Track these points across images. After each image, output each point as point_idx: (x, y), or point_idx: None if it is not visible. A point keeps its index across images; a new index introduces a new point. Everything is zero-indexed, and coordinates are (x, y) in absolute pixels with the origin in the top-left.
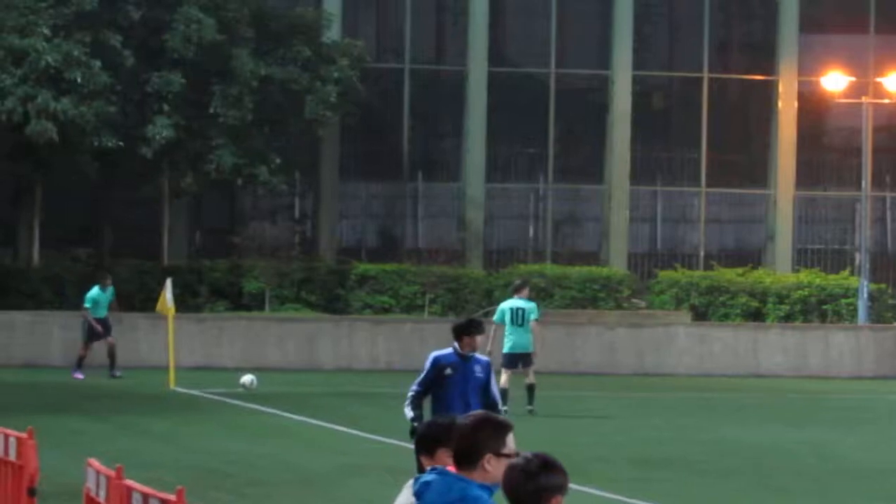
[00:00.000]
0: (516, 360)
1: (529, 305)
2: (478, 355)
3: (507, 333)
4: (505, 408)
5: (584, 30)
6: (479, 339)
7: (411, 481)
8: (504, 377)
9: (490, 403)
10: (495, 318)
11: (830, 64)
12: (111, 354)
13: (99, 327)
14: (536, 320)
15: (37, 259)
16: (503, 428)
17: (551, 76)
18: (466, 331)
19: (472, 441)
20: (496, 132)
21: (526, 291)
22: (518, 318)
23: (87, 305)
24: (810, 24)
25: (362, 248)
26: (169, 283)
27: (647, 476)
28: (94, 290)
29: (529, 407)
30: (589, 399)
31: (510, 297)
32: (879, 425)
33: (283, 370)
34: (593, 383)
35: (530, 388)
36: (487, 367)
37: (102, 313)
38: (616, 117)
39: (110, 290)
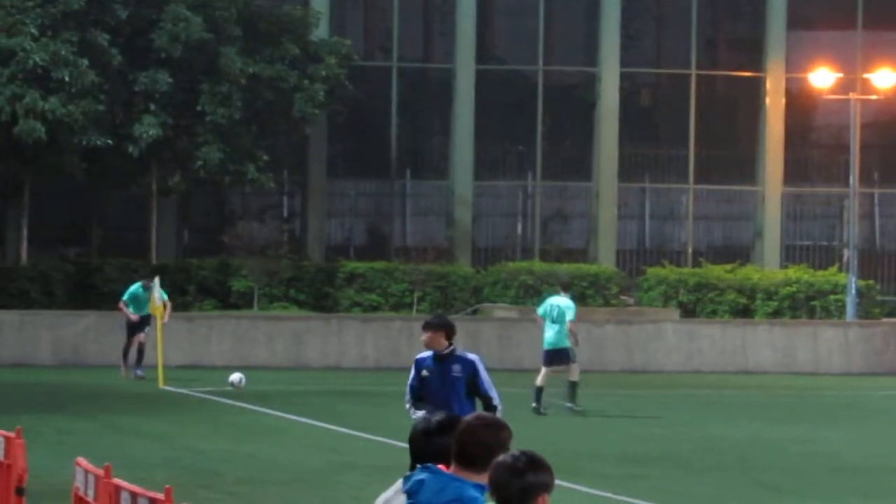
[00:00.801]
0: (551, 357)
1: (566, 304)
2: (462, 353)
3: (545, 329)
4: (534, 405)
5: (572, 27)
6: (430, 336)
7: (401, 480)
8: (541, 374)
9: (484, 401)
10: (539, 310)
11: (818, 60)
12: (140, 351)
13: (135, 317)
14: (571, 321)
15: (25, 258)
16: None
17: (539, 73)
18: (422, 331)
19: (492, 442)
20: (484, 130)
21: (568, 291)
22: (554, 315)
23: (123, 299)
24: (798, 20)
25: (350, 247)
26: (157, 281)
27: (636, 473)
28: (135, 287)
29: (568, 404)
30: (577, 396)
31: (557, 293)
32: (868, 422)
33: (271, 369)
34: (582, 380)
35: (571, 386)
36: (470, 365)
37: (144, 311)
38: (604, 114)
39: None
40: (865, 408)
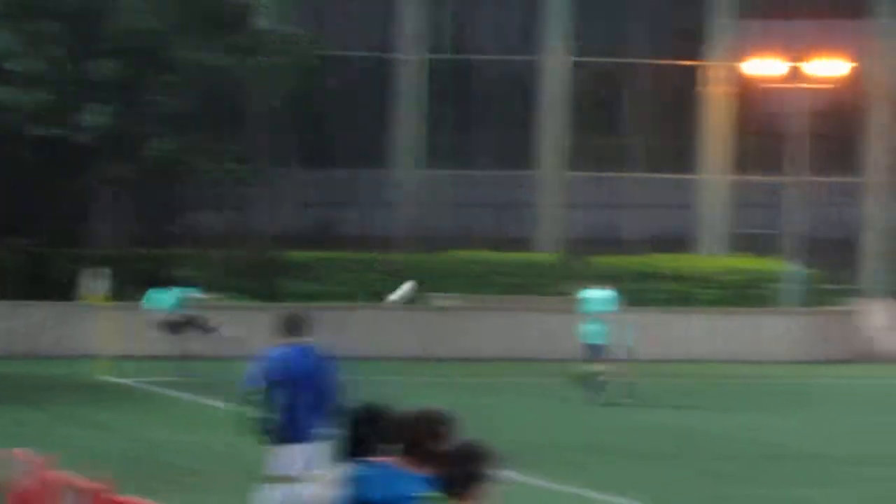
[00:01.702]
0: (595, 351)
1: (608, 296)
2: None
3: (587, 324)
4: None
5: (519, 15)
6: None
7: (339, 470)
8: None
9: None
10: (582, 306)
11: (764, 49)
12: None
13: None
14: (614, 311)
15: None
16: None
17: (485, 61)
18: None
19: (435, 436)
20: (432, 118)
21: (610, 283)
22: (597, 309)
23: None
24: (744, 9)
25: (298, 236)
26: (104, 272)
27: (579, 462)
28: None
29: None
30: (526, 385)
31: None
32: (811, 409)
33: (220, 359)
34: (532, 369)
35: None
36: None
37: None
38: (550, 103)
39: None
40: (808, 395)
